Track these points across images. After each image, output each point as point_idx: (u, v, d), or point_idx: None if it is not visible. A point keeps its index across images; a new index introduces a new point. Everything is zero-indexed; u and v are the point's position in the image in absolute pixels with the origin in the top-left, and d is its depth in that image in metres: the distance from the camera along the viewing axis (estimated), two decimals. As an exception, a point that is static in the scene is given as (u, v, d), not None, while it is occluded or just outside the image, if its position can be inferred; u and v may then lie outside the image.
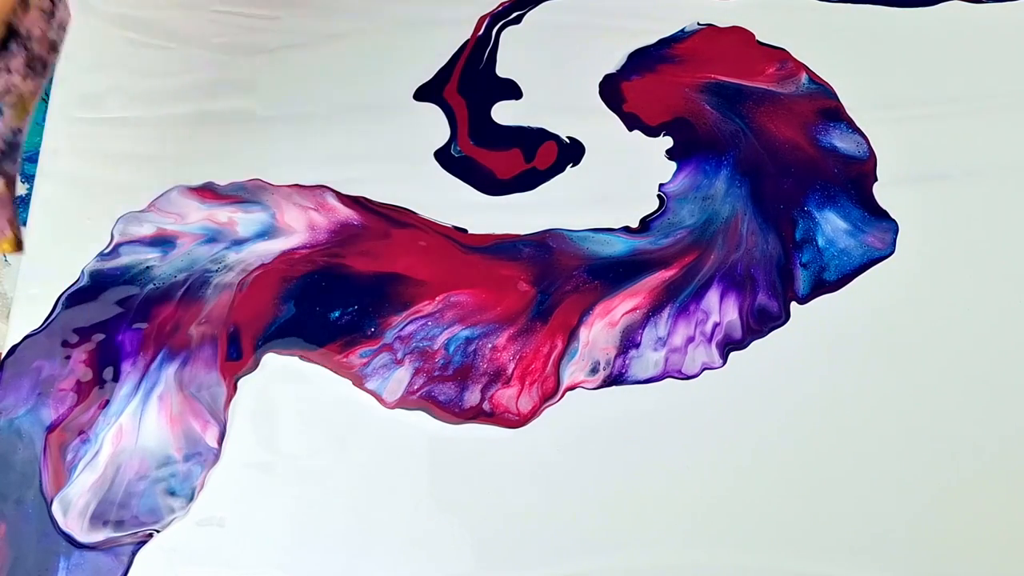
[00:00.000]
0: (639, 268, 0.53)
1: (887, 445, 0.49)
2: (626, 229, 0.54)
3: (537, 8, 0.61)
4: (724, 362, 0.51)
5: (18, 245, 0.42)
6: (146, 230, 0.54)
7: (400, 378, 0.51)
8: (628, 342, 0.51)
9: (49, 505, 0.48)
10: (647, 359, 0.51)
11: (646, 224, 0.55)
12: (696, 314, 0.52)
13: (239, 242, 0.54)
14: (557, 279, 0.53)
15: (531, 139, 0.57)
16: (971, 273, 0.53)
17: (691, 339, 0.51)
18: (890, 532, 0.48)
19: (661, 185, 0.56)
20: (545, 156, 0.56)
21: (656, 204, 0.55)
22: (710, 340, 0.51)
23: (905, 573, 0.47)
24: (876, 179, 0.55)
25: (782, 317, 0.52)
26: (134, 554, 0.47)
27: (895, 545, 0.48)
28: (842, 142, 0.56)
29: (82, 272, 0.53)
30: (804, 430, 0.50)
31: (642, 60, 0.59)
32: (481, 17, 0.60)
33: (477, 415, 0.50)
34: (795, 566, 0.47)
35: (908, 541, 0.48)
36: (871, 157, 0.56)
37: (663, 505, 0.48)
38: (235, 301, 0.52)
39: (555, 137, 0.57)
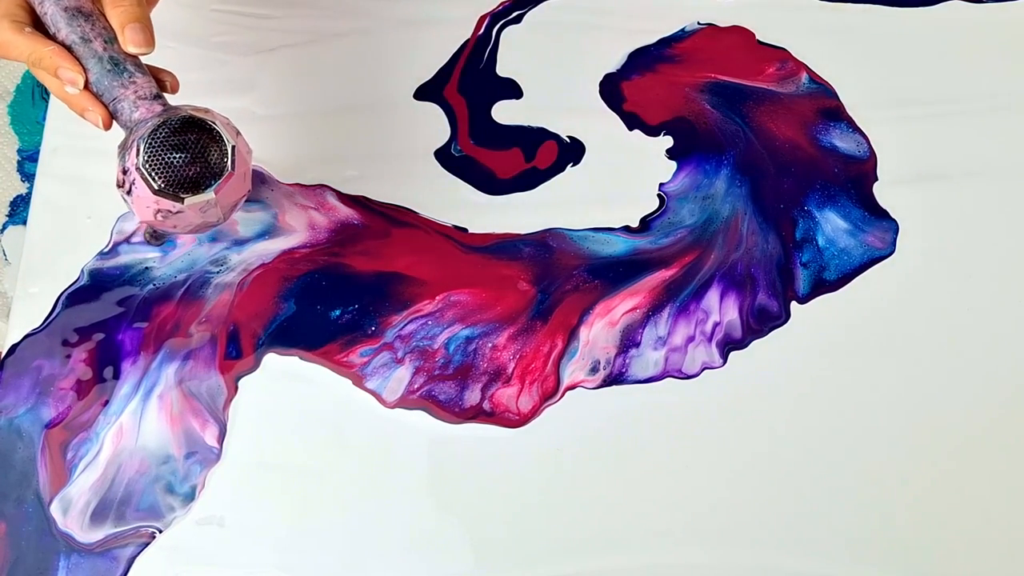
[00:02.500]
0: (639, 267, 0.53)
1: (887, 444, 0.49)
2: (626, 229, 0.54)
3: (537, 8, 0.61)
4: (724, 362, 0.51)
5: None
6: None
7: (400, 377, 0.51)
8: (628, 341, 0.51)
9: (48, 505, 0.48)
10: (647, 358, 0.51)
11: (646, 224, 0.55)
12: (696, 313, 0.52)
13: (240, 242, 0.54)
14: (557, 278, 0.53)
15: (531, 138, 0.57)
16: (971, 273, 0.53)
17: (691, 338, 0.51)
18: (889, 531, 0.48)
19: (661, 185, 0.56)
20: (545, 156, 0.56)
21: (656, 204, 0.55)
22: (710, 339, 0.51)
23: (905, 572, 0.47)
24: (876, 179, 0.55)
25: (782, 317, 0.52)
26: (134, 555, 0.47)
27: (895, 544, 0.48)
28: (842, 142, 0.56)
29: (82, 271, 0.53)
30: (804, 429, 0.50)
31: (642, 60, 0.59)
32: (481, 16, 0.60)
33: (477, 414, 0.50)
34: (795, 565, 0.47)
35: (907, 540, 0.48)
36: (871, 157, 0.56)
37: (663, 505, 0.48)
38: (235, 300, 0.52)
39: (555, 137, 0.57)
